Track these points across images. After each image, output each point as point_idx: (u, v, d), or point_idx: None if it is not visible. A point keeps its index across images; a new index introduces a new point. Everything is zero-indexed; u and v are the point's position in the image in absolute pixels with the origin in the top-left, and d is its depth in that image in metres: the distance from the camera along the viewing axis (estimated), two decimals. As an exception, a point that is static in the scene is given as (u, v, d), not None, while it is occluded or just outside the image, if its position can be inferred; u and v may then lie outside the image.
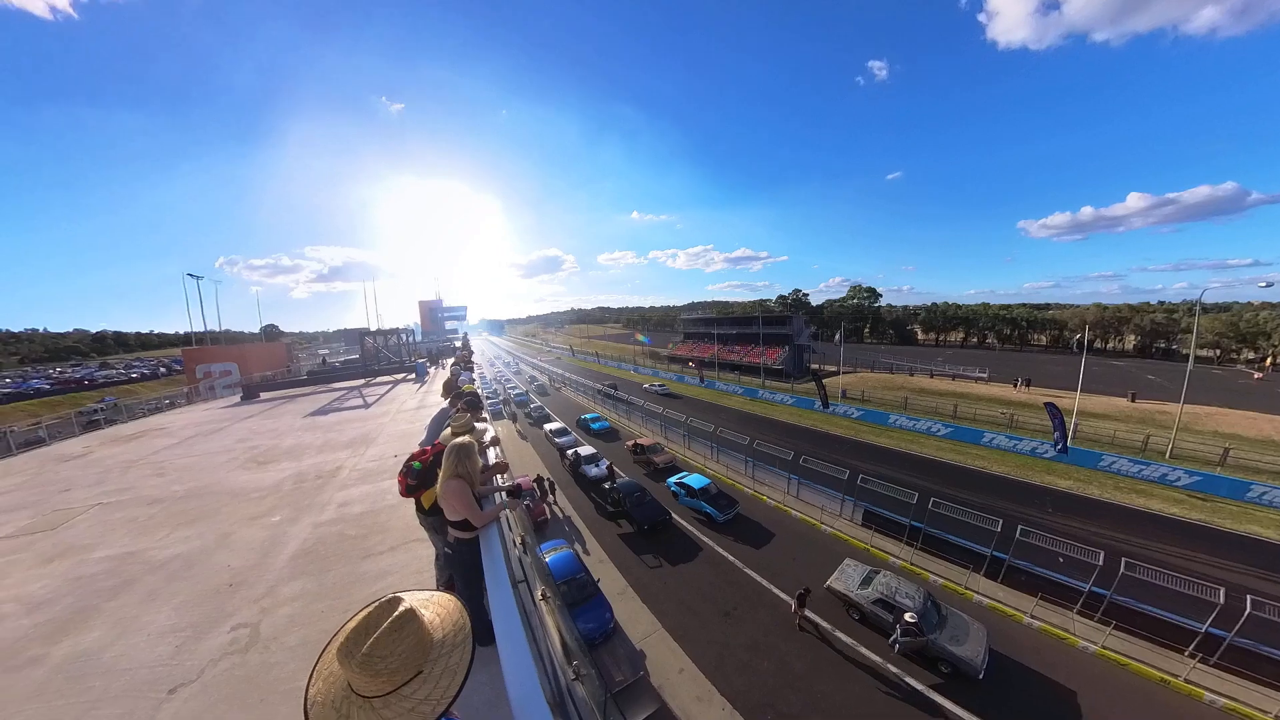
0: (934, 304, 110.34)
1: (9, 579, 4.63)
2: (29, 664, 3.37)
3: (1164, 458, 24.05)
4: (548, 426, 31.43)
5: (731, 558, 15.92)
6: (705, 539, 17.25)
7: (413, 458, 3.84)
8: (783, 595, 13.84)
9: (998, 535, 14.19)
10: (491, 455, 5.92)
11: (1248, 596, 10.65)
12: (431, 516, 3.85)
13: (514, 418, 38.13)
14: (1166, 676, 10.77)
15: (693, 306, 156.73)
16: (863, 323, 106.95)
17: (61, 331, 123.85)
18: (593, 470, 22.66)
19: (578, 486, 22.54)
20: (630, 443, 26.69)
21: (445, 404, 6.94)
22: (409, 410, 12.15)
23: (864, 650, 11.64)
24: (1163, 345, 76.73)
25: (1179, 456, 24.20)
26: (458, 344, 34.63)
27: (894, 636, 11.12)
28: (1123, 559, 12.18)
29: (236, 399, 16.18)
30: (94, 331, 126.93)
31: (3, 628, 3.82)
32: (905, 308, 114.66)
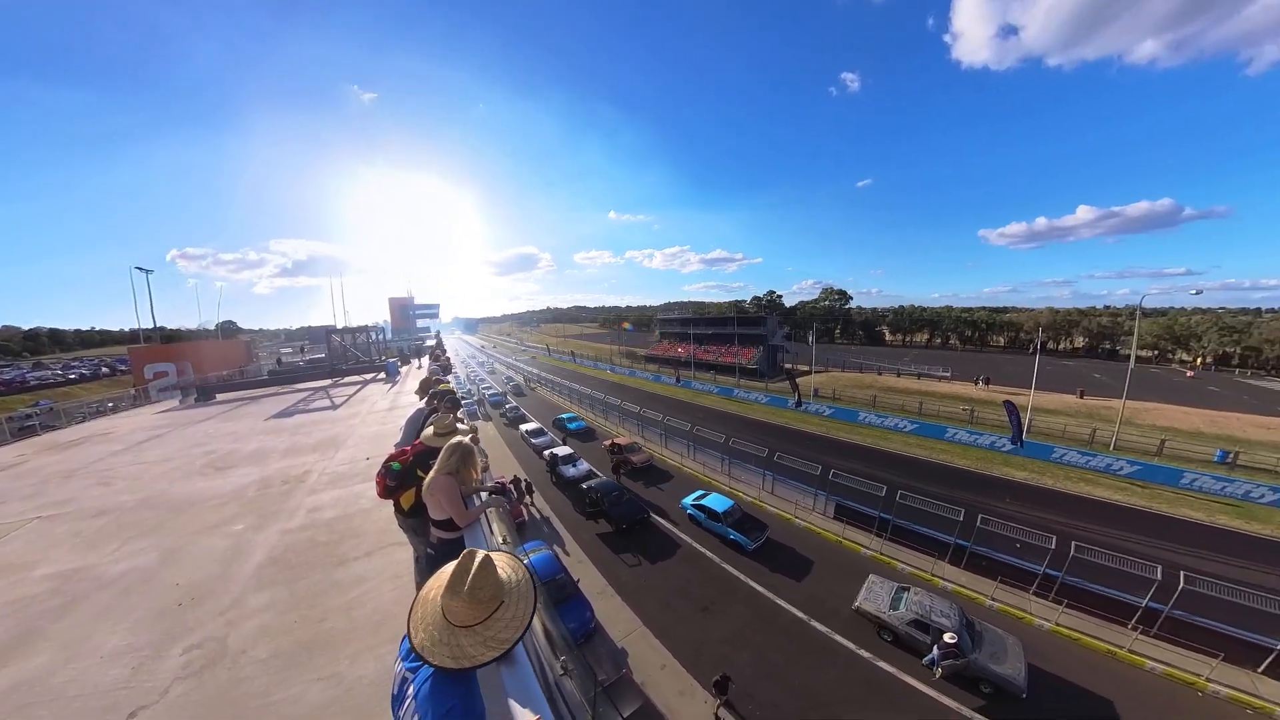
0: (901, 306, 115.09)
1: (-65, 601, 4.25)
2: (-37, 694, 3.10)
3: (1109, 449, 25.75)
4: (524, 427, 31.05)
5: (709, 553, 16.12)
6: (684, 536, 17.40)
7: (391, 458, 3.75)
8: (760, 589, 14.11)
9: (960, 524, 14.94)
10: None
11: (1181, 573, 11.69)
12: (412, 518, 3.76)
13: (489, 418, 37.48)
14: (1113, 648, 11.64)
15: (669, 306, 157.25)
16: (834, 324, 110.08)
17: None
18: (571, 470, 22.53)
19: (555, 487, 22.35)
20: (608, 442, 26.62)
21: (421, 404, 6.77)
22: (380, 411, 11.78)
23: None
24: (1108, 346, 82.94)
25: (1122, 448, 25.94)
26: (430, 342, 33.66)
27: (931, 657, 10.41)
28: (1073, 543, 13.06)
29: (190, 401, 15.27)
30: (26, 329, 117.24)
31: (-69, 654, 3.51)
32: (874, 310, 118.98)
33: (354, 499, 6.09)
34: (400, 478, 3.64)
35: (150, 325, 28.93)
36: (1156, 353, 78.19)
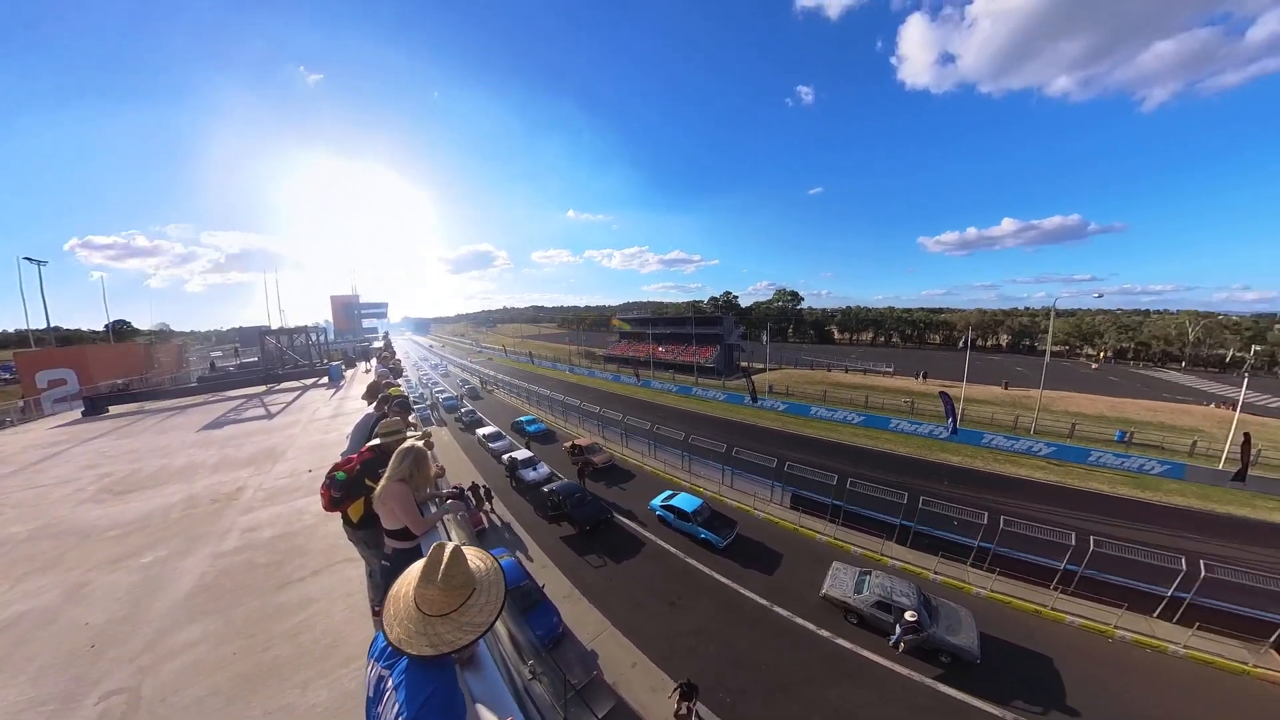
0: (848, 307, 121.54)
1: None
2: None
3: (1029, 433, 28.36)
4: (481, 431, 30.01)
5: (673, 550, 16.28)
6: (648, 534, 17.47)
7: (336, 468, 3.56)
8: (726, 581, 14.43)
9: (904, 507, 16.04)
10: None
11: (1091, 538, 13.33)
12: (362, 530, 3.58)
13: (443, 423, 35.99)
14: (1038, 608, 13.00)
15: (628, 307, 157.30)
16: (787, 323, 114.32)
17: None
18: (531, 474, 22.05)
19: (516, 492, 21.80)
20: (568, 444, 26.29)
21: (369, 410, 6.36)
22: (323, 419, 11.02)
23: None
24: (1027, 343, 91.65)
25: (1040, 432, 28.65)
26: (378, 344, 31.76)
27: (895, 636, 11.11)
28: (1001, 518, 14.37)
29: (97, 412, 13.59)
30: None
31: None
32: (824, 310, 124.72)
33: (296, 515, 5.66)
34: (347, 488, 3.46)
35: (44, 325, 25.55)
36: (1067, 348, 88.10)
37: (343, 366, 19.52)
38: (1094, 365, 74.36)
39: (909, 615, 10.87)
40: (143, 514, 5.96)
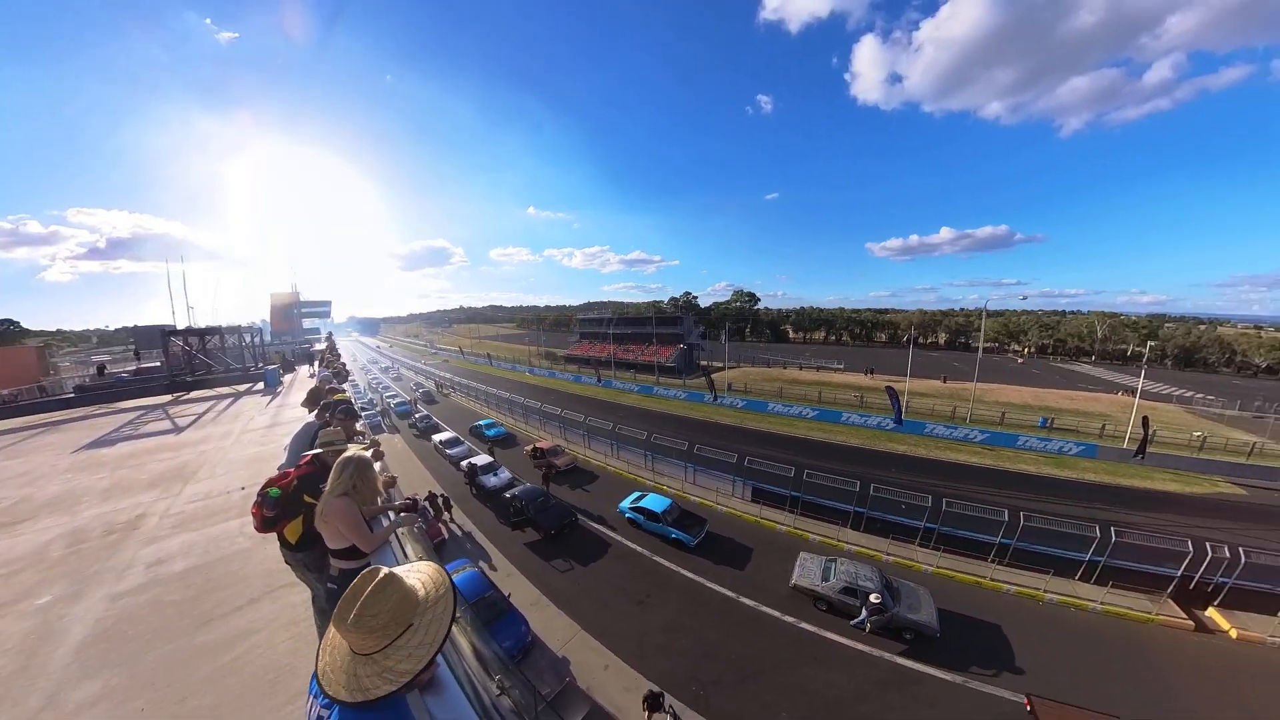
0: (802, 308, 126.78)
1: None
2: None
3: (966, 422, 30.61)
4: (437, 437, 28.69)
5: (640, 549, 16.25)
6: (614, 535, 17.34)
7: (270, 483, 3.21)
8: (693, 576, 14.57)
9: (856, 494, 16.93)
10: (378, 470, 5.19)
11: (1021, 513, 14.66)
12: (301, 552, 3.26)
13: (396, 430, 34.17)
14: (979, 579, 14.21)
15: (589, 306, 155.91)
16: (744, 323, 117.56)
17: None
18: (492, 480, 21.32)
19: (477, 499, 21.02)
20: (529, 447, 25.69)
21: (310, 418, 5.78)
22: (258, 430, 10.06)
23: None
24: (963, 340, 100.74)
25: (975, 420, 31.01)
26: (320, 345, 29.56)
27: (862, 618, 11.67)
28: (944, 500, 15.55)
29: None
30: None
31: None
32: (779, 310, 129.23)
33: (215, 543, 5.01)
34: (281, 505, 3.13)
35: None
36: (997, 345, 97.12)
37: (280, 370, 17.97)
38: (1020, 360, 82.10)
39: (873, 598, 11.51)
40: (16, 555, 5.00)
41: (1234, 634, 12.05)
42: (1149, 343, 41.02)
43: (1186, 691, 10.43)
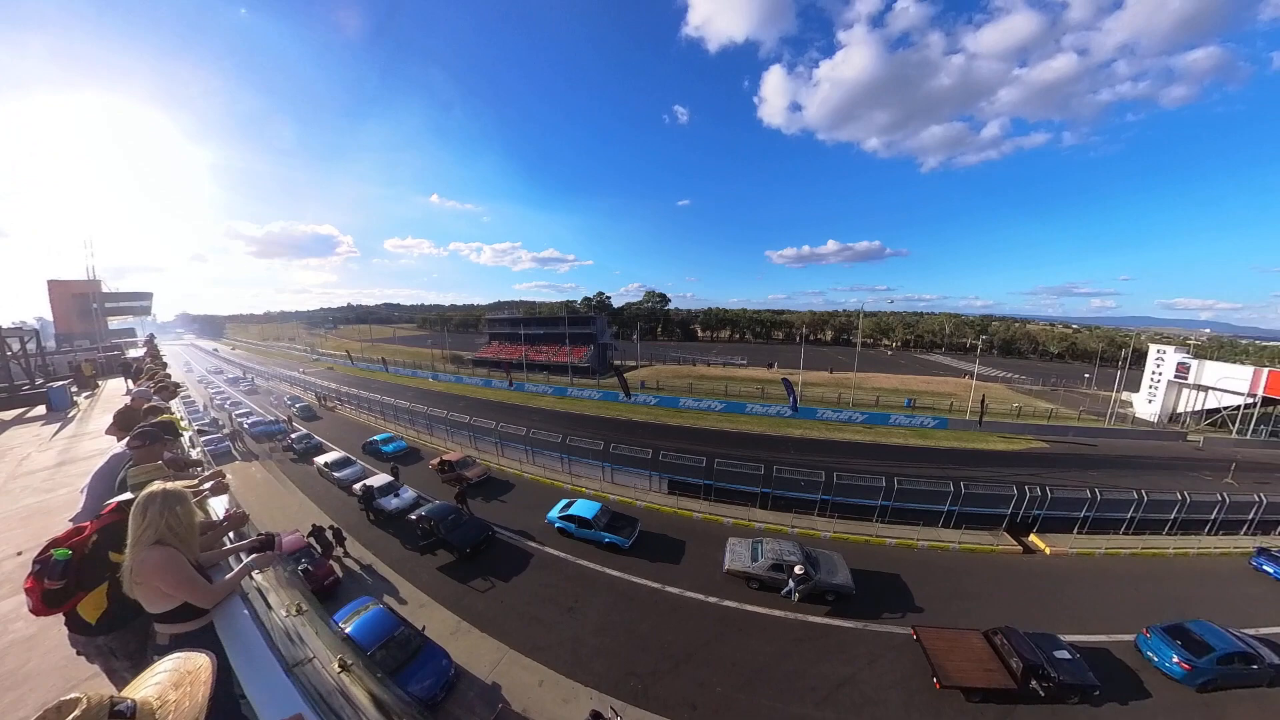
0: (709, 308, 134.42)
1: None
2: None
3: (849, 406, 34.53)
4: (321, 459, 24.78)
5: (562, 554, 15.59)
6: (532, 544, 16.42)
7: (54, 543, 2.38)
8: (617, 574, 14.41)
9: (761, 476, 18.14)
10: (219, 507, 3.95)
11: (895, 478, 17.02)
12: (104, 634, 2.45)
13: (254, 456, 28.42)
14: (868, 537, 16.30)
15: (500, 306, 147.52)
16: (656, 323, 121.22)
17: None
18: (393, 502, 18.85)
19: (376, 526, 18.45)
20: (435, 460, 23.51)
21: (118, 447, 4.21)
22: (39, 471, 7.45)
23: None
24: (845, 337, 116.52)
25: (856, 404, 35.16)
26: (136, 351, 23.47)
27: (789, 589, 12.56)
28: (834, 473, 17.32)
29: None
30: None
31: None
32: (689, 311, 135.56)
33: None
34: (76, 572, 2.32)
35: None
36: (872, 340, 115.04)
37: (72, 387, 13.86)
38: (889, 353, 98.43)
39: (798, 569, 12.54)
40: None
41: (1048, 551, 15.91)
42: (981, 337, 50.58)
43: (1022, 598, 13.50)
